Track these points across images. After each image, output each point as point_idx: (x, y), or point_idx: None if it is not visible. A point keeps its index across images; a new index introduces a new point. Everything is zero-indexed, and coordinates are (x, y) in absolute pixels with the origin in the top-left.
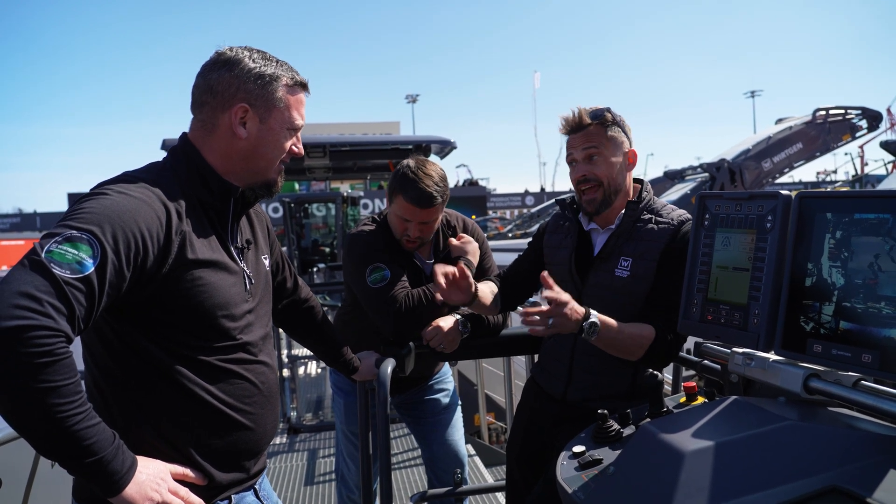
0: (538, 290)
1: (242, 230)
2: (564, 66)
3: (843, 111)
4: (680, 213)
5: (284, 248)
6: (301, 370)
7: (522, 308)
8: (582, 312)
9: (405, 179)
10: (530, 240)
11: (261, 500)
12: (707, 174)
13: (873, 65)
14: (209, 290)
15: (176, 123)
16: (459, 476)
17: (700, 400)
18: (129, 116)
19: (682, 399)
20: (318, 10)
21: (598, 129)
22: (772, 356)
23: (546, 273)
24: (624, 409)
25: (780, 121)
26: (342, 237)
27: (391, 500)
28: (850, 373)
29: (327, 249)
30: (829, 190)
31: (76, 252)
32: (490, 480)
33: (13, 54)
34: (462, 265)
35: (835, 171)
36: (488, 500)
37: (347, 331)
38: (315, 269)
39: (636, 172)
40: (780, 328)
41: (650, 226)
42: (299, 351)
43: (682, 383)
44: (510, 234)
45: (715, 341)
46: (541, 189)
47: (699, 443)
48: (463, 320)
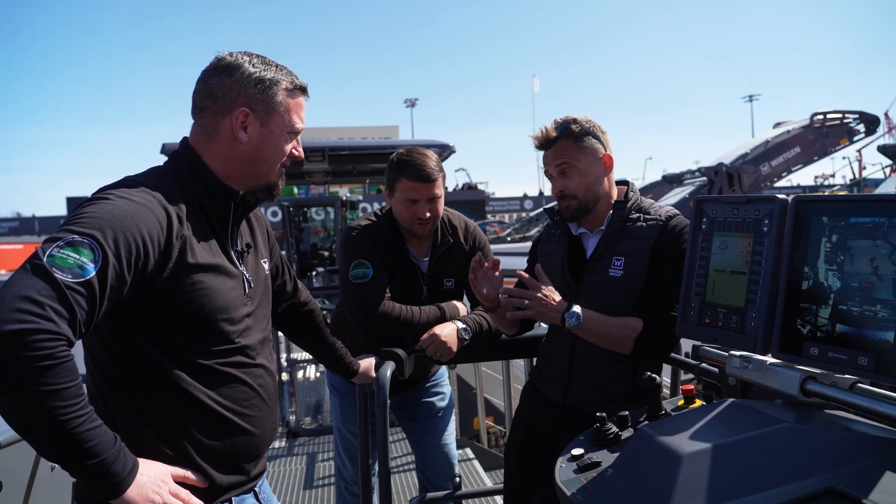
0: None
1: (242, 234)
2: (562, 70)
3: (840, 115)
4: (668, 210)
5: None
6: (300, 374)
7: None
8: (558, 300)
9: (403, 163)
10: (528, 256)
11: (261, 503)
12: (705, 178)
13: (871, 69)
14: (209, 294)
15: (176, 128)
16: (458, 480)
17: (698, 403)
18: (128, 121)
19: (681, 402)
20: (318, 14)
21: (567, 142)
22: (769, 359)
23: (539, 266)
24: (622, 411)
25: (778, 125)
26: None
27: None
28: (846, 375)
29: (326, 253)
30: (825, 194)
31: (78, 256)
32: (489, 484)
33: (13, 57)
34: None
35: (833, 175)
36: None
37: (344, 330)
38: (314, 273)
39: (633, 176)
40: (776, 331)
41: (639, 224)
42: (298, 355)
43: (681, 386)
44: (509, 238)
45: (713, 344)
46: (539, 193)
47: (697, 445)
48: (464, 327)
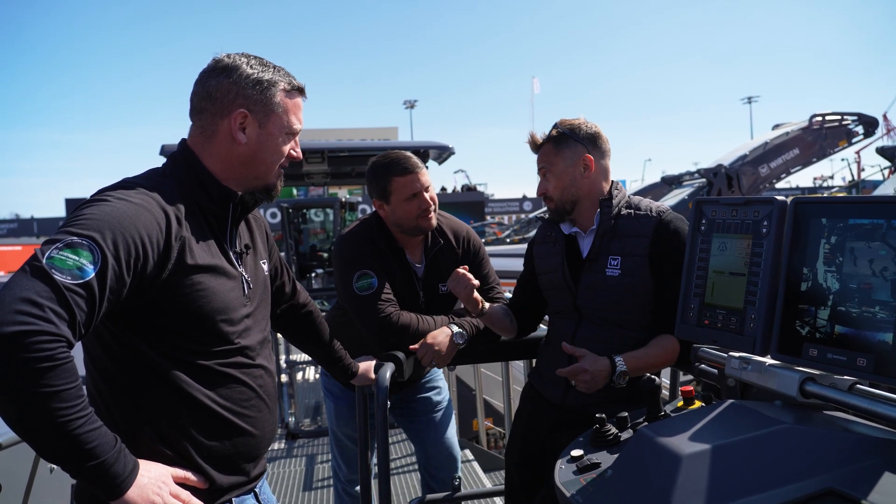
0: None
1: (241, 235)
2: (562, 71)
3: (839, 117)
4: (658, 206)
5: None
6: (299, 375)
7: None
8: (601, 368)
9: (387, 164)
10: (524, 258)
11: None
12: (704, 179)
13: (870, 71)
14: (208, 295)
15: (175, 129)
16: (458, 481)
17: (697, 404)
18: (127, 122)
19: (680, 403)
20: (316, 16)
21: (548, 146)
22: (768, 360)
23: (566, 344)
24: (622, 413)
25: (776, 126)
26: None
27: None
28: (845, 377)
29: (325, 255)
30: (824, 195)
31: (77, 258)
32: (488, 485)
33: (11, 60)
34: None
35: (832, 177)
36: None
37: (341, 332)
38: (313, 275)
39: (632, 177)
40: (776, 332)
41: (631, 221)
42: (298, 356)
43: (680, 387)
44: (508, 240)
45: (712, 345)
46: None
47: (696, 446)
48: (459, 331)
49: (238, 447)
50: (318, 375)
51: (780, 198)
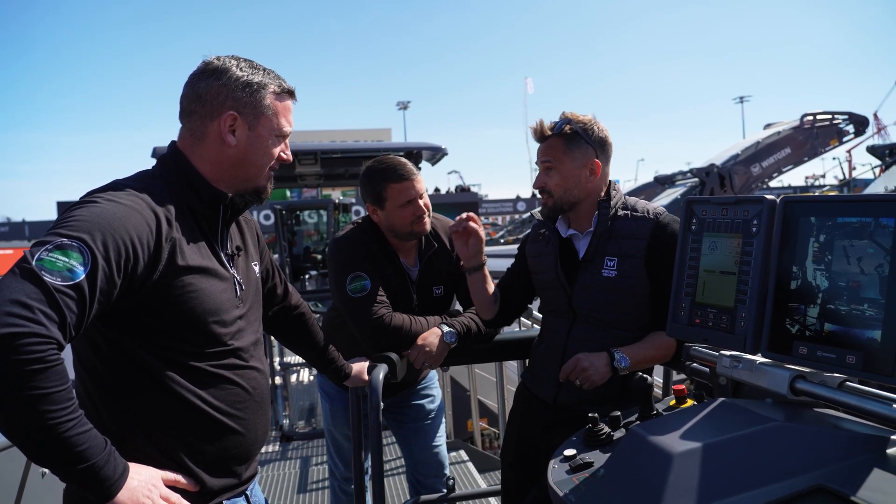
0: (534, 299)
1: (232, 237)
2: (555, 71)
3: (830, 116)
4: (654, 207)
5: (276, 256)
6: (293, 378)
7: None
8: (604, 356)
9: (382, 170)
10: (516, 256)
11: None
12: (697, 179)
13: (861, 70)
14: (200, 297)
15: (166, 132)
16: (452, 481)
17: (689, 402)
18: (119, 125)
19: (672, 402)
20: (309, 17)
21: (557, 141)
22: (759, 358)
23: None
24: (614, 412)
25: (768, 126)
26: None
27: None
28: (835, 374)
29: (319, 257)
30: (814, 194)
31: (67, 260)
32: (483, 486)
33: (2, 63)
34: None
35: (823, 176)
36: None
37: (335, 334)
38: (307, 277)
39: (625, 177)
40: (766, 331)
41: (628, 222)
42: (291, 358)
43: (672, 386)
44: (502, 241)
45: (703, 344)
46: (532, 195)
47: (688, 444)
48: (450, 331)
49: (230, 449)
50: (312, 377)
51: (769, 197)
